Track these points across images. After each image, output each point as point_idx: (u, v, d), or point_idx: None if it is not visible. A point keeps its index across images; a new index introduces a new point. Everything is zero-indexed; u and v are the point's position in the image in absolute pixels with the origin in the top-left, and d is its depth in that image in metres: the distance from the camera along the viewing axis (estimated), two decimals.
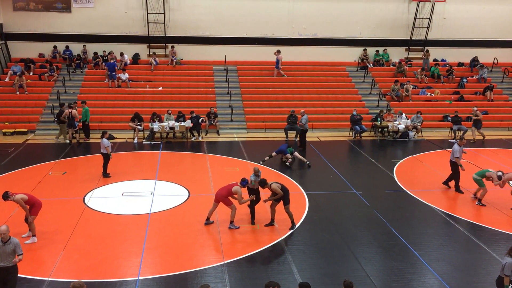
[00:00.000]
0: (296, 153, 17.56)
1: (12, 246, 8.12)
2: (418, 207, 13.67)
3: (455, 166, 14.68)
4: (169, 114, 21.23)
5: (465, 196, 14.55)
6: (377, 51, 28.37)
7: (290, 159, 17.16)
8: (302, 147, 19.46)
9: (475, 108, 22.06)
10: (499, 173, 13.34)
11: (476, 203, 13.75)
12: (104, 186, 14.71)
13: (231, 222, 11.74)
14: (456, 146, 14.60)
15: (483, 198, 13.71)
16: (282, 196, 11.64)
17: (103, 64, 25.50)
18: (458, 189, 14.80)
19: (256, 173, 12.33)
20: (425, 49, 28.13)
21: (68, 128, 20.00)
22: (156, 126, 20.51)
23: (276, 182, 11.81)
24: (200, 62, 27.01)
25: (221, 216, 12.33)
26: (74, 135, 20.22)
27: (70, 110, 19.92)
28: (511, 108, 25.71)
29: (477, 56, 28.52)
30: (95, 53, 26.09)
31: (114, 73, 24.53)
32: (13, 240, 8.18)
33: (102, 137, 15.37)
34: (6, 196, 10.53)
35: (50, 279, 9.40)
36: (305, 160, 17.46)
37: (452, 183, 15.01)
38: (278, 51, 26.03)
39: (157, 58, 26.49)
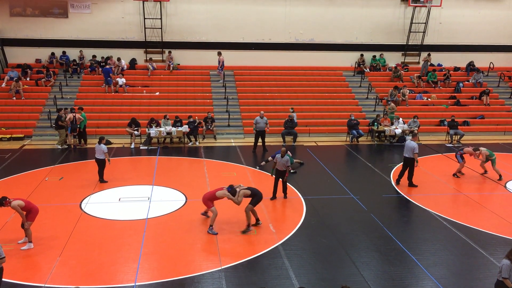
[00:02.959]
0: (295, 160, 17.89)
1: None
2: (415, 212, 13.69)
3: (412, 162, 15.32)
4: (167, 119, 21.21)
5: (463, 200, 14.60)
6: (374, 56, 28.48)
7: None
8: (258, 149, 19.78)
9: (291, 110, 22.04)
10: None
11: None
12: (101, 192, 14.67)
13: (210, 226, 11.74)
14: (413, 142, 15.41)
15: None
16: (253, 198, 11.89)
17: (100, 69, 25.51)
18: (412, 184, 15.62)
19: (283, 153, 13.76)
20: (428, 53, 28.22)
21: (71, 132, 20.03)
22: (153, 131, 20.50)
23: (245, 188, 12.02)
24: (197, 67, 27.04)
25: (219, 224, 12.31)
26: (73, 140, 20.25)
27: (74, 114, 19.98)
28: (507, 112, 25.83)
29: (474, 61, 28.69)
30: (94, 56, 26.09)
31: (109, 78, 24.51)
32: None
33: (99, 142, 15.31)
34: (1, 203, 10.48)
35: (46, 285, 9.34)
36: (300, 161, 18.14)
37: (404, 179, 15.79)
38: (219, 53, 25.91)
39: (154, 63, 26.53)
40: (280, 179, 14.15)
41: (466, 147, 17.19)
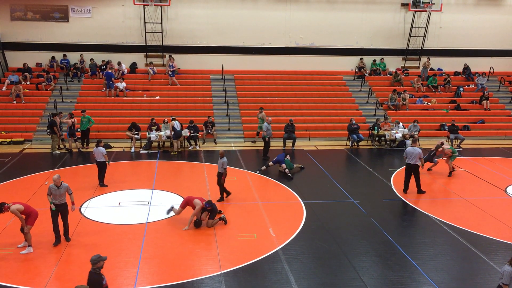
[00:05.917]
0: (296, 165, 17.84)
1: (63, 189, 11.08)
2: (416, 216, 13.67)
3: (417, 168, 15.08)
4: (165, 123, 21.15)
5: (463, 204, 14.57)
6: (374, 60, 28.51)
7: (286, 170, 17.09)
8: (265, 157, 19.34)
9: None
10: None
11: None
12: (100, 196, 14.65)
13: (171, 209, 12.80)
14: (417, 148, 15.00)
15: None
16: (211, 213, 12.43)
17: (101, 73, 25.54)
18: (420, 191, 15.37)
19: (221, 155, 14.08)
20: (427, 58, 28.24)
21: (69, 137, 20.12)
22: (153, 135, 20.50)
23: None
24: (198, 71, 27.07)
25: (219, 229, 12.29)
26: (73, 144, 20.28)
27: (72, 120, 20.04)
28: (507, 117, 25.82)
29: (472, 65, 28.77)
30: (91, 60, 26.10)
31: (111, 82, 24.55)
32: (64, 184, 11.12)
33: (97, 145, 15.29)
34: (0, 210, 10.48)
35: None
36: (301, 165, 18.03)
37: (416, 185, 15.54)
38: (172, 58, 25.87)
39: (154, 67, 26.55)
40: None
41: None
